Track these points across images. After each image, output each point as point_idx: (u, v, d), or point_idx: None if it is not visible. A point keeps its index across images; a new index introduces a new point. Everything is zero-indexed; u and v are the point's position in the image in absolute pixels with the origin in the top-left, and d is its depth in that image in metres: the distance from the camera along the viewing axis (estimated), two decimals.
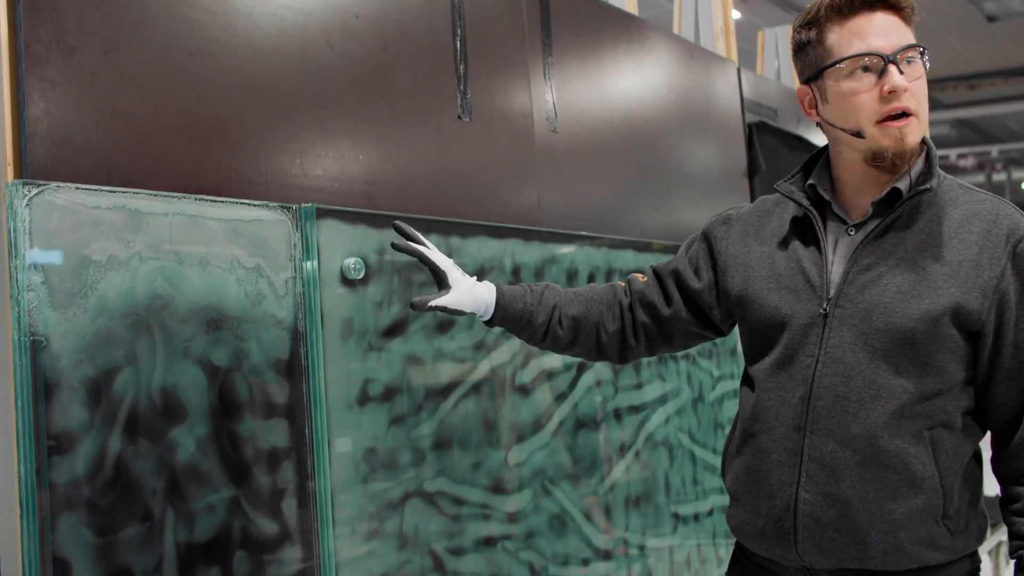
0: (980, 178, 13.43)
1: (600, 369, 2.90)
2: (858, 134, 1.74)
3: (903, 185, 1.76)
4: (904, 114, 1.71)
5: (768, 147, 4.01)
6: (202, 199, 1.89)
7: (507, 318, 1.98)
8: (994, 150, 15.42)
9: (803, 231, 1.85)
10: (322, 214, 2.10)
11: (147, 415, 1.79)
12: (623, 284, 2.09)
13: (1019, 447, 1.75)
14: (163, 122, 1.90)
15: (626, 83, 3.28)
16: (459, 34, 2.57)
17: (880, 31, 1.73)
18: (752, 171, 3.86)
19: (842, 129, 1.77)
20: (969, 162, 14.35)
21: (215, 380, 1.91)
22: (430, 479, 2.33)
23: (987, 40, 12.99)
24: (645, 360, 3.11)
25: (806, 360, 1.78)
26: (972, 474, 1.80)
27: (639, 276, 2.10)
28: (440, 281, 1.93)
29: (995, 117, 16.69)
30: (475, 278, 1.96)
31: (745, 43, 7.94)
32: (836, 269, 1.79)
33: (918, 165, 1.79)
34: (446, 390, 2.39)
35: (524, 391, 2.63)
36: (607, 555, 2.89)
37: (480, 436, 2.48)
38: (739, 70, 3.91)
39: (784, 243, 1.88)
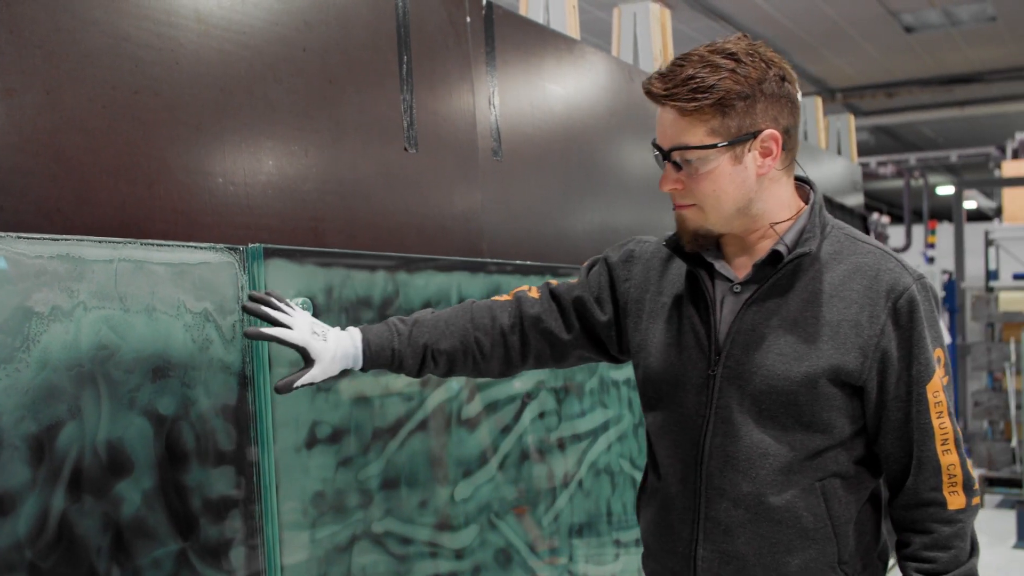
0: (899, 184, 13.71)
1: (544, 399, 2.89)
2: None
3: (782, 247, 1.77)
4: (679, 204, 1.77)
5: None
6: (148, 243, 1.83)
7: (377, 366, 1.93)
8: (912, 158, 15.76)
9: (695, 286, 1.87)
10: (270, 254, 2.05)
11: (92, 470, 1.73)
12: (507, 299, 2.04)
13: (908, 495, 1.79)
14: (107, 164, 1.84)
15: (568, 108, 3.27)
16: (405, 62, 2.53)
17: (662, 127, 1.74)
18: None
19: None
20: (889, 169, 14.64)
21: (161, 430, 1.85)
22: (378, 520, 2.29)
23: (905, 50, 13.26)
24: (588, 388, 3.10)
25: (697, 420, 1.82)
26: (868, 518, 1.85)
27: (529, 292, 2.05)
28: (304, 357, 1.83)
29: (911, 125, 17.05)
30: (336, 331, 1.88)
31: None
32: (723, 328, 1.81)
33: (800, 222, 1.80)
34: (393, 428, 2.36)
35: (470, 425, 2.61)
36: None
37: (427, 473, 2.45)
38: None
39: (678, 298, 1.89)
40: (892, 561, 1.95)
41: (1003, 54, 13.45)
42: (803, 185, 1.87)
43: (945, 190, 20.04)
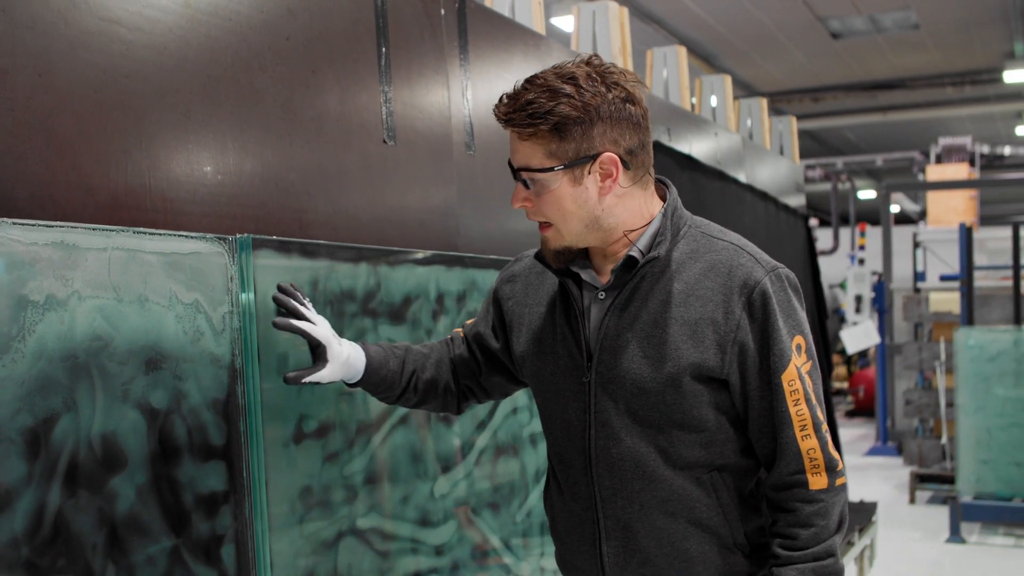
0: (827, 187, 13.97)
1: (517, 395, 2.87)
2: None
3: (636, 252, 1.83)
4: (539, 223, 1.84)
5: (662, 167, 4.05)
6: (140, 232, 1.78)
7: (370, 383, 2.01)
8: (839, 162, 16.07)
9: (565, 296, 1.92)
10: (258, 244, 2.01)
11: (87, 465, 1.68)
12: (449, 343, 2.16)
13: (774, 478, 1.85)
14: (99, 150, 1.79)
15: None
16: (384, 53, 2.50)
17: (512, 148, 1.81)
18: None
19: None
20: (817, 173, 14.90)
21: (154, 424, 1.80)
22: (362, 516, 2.26)
23: (831, 56, 13.52)
24: None
25: (579, 426, 1.89)
26: (760, 501, 1.92)
27: (460, 333, 2.17)
28: (318, 355, 1.90)
29: (836, 129, 17.39)
30: (347, 342, 1.96)
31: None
32: (592, 335, 1.87)
33: (652, 226, 1.86)
34: (377, 423, 2.33)
35: (447, 420, 2.58)
36: None
37: (408, 469, 2.42)
38: None
39: (551, 307, 1.95)
40: None
41: (926, 61, 13.78)
42: (663, 186, 1.94)
43: (867, 194, 20.48)
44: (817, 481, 1.82)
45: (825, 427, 1.86)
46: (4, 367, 1.56)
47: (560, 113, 1.72)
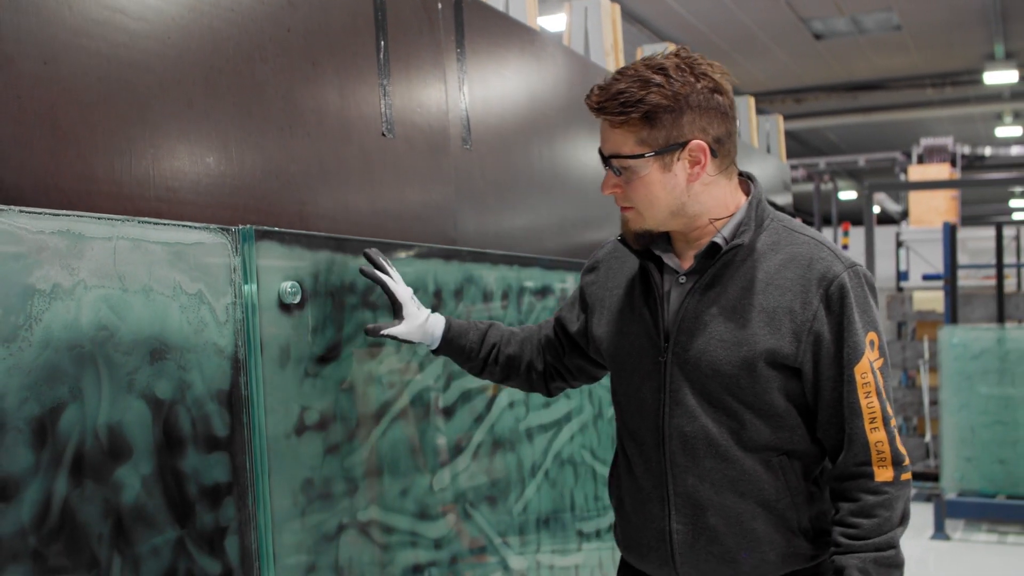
0: (810, 188, 14.03)
1: (512, 390, 2.87)
2: None
3: (720, 239, 1.89)
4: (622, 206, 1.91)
5: None
6: (145, 222, 1.77)
7: (451, 351, 2.16)
8: (822, 162, 16.14)
9: (645, 279, 2.00)
10: (260, 236, 2.00)
11: (93, 454, 1.67)
12: (544, 325, 2.28)
13: (840, 468, 1.90)
14: (103, 139, 1.78)
15: (531, 100, 3.26)
16: (383, 47, 2.50)
17: (602, 136, 1.89)
18: None
19: None
20: (800, 173, 14.96)
21: (159, 414, 1.79)
22: (363, 509, 2.26)
23: (813, 57, 13.57)
24: None
25: (654, 404, 1.94)
26: (824, 488, 1.97)
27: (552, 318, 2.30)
28: (396, 311, 2.08)
29: (818, 130, 17.46)
30: (429, 311, 2.13)
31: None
32: (670, 317, 1.93)
33: (738, 216, 1.91)
34: (377, 416, 2.32)
35: (447, 414, 2.58)
36: None
37: (408, 462, 2.42)
38: None
39: (631, 289, 2.02)
40: None
41: (907, 62, 13.86)
42: (747, 180, 1.99)
43: (848, 195, 20.57)
44: (883, 473, 1.86)
45: (893, 422, 1.90)
46: (11, 356, 1.55)
47: (651, 102, 1.79)
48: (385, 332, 2.05)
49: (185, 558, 1.83)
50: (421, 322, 2.08)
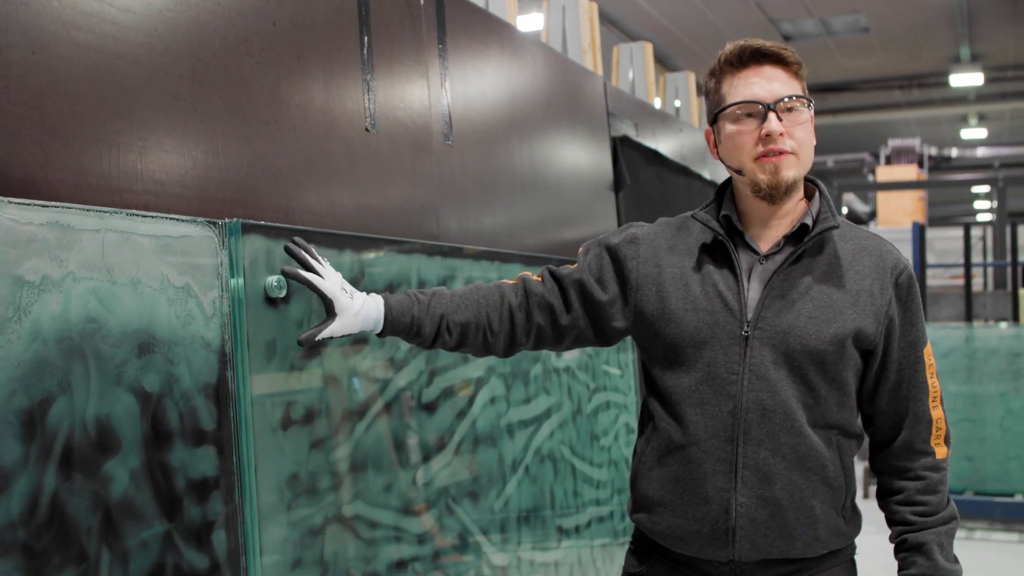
0: None
1: (495, 385, 2.88)
2: (739, 171, 1.97)
3: (809, 221, 1.98)
4: (780, 152, 1.93)
5: (630, 161, 4.08)
6: (133, 214, 1.77)
7: (396, 332, 2.05)
8: None
9: (715, 257, 2.03)
10: (247, 229, 2.00)
11: (82, 448, 1.66)
12: (514, 283, 2.17)
13: (901, 447, 2.01)
14: (91, 131, 1.77)
15: (512, 96, 3.27)
16: (366, 42, 2.50)
17: (765, 82, 1.94)
18: (618, 185, 3.91)
19: (729, 167, 2.00)
20: None
21: (147, 408, 1.78)
22: (348, 503, 2.25)
23: None
24: (533, 374, 3.11)
25: (730, 377, 1.96)
26: (855, 472, 2.05)
27: (533, 276, 2.18)
28: (327, 308, 1.96)
29: None
30: (364, 294, 2.01)
31: None
32: (752, 295, 1.98)
33: (816, 203, 2.02)
34: (361, 410, 2.32)
35: (430, 409, 2.58)
36: (504, 572, 2.87)
37: (391, 457, 2.42)
38: (606, 85, 3.96)
39: (697, 267, 2.04)
40: None
41: (875, 64, 13.99)
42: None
43: None
44: (940, 451, 2.01)
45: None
46: (0, 348, 1.54)
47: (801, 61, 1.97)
48: (321, 336, 1.93)
49: (173, 552, 1.82)
50: (356, 311, 1.96)
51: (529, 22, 8.18)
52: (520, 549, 2.97)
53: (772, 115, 1.91)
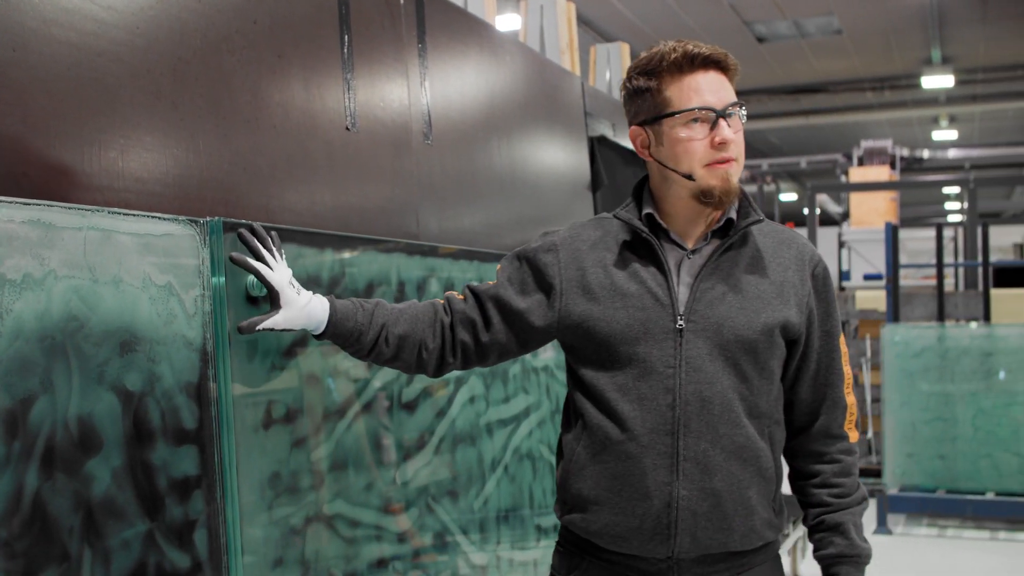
0: (752, 189, 14.20)
1: (474, 384, 2.89)
2: (689, 176, 1.96)
3: (733, 215, 2.01)
4: (729, 159, 1.96)
5: (607, 161, 4.09)
6: (115, 212, 1.76)
7: (337, 335, 2.02)
8: (764, 164, 16.33)
9: (640, 254, 2.04)
10: (228, 228, 1.99)
11: (64, 447, 1.65)
12: (442, 302, 2.16)
13: (818, 432, 2.07)
14: (72, 128, 1.76)
15: (491, 96, 3.27)
16: (347, 41, 2.50)
17: (713, 88, 1.96)
18: (595, 185, 3.93)
19: (674, 170, 1.98)
20: (743, 174, 15.12)
21: (129, 406, 1.78)
22: (328, 502, 2.25)
23: (756, 59, 13.74)
24: (512, 373, 3.11)
25: (667, 371, 1.97)
26: (782, 464, 2.08)
27: (456, 295, 2.17)
28: (273, 299, 1.93)
29: (760, 132, 17.67)
30: (311, 293, 1.99)
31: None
32: (682, 288, 2.00)
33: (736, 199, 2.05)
34: (342, 409, 2.32)
35: (409, 408, 2.59)
36: (483, 571, 2.87)
37: (372, 456, 2.42)
38: (583, 85, 3.97)
39: (622, 265, 2.05)
40: None
41: (847, 66, 14.07)
42: None
43: (788, 196, 20.82)
44: (853, 435, 2.09)
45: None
46: None
47: None
48: (263, 326, 1.89)
49: (155, 551, 1.81)
50: (302, 306, 1.94)
51: (507, 22, 8.19)
52: (499, 548, 2.98)
53: (723, 122, 1.94)
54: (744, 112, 1.99)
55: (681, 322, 1.97)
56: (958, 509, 7.16)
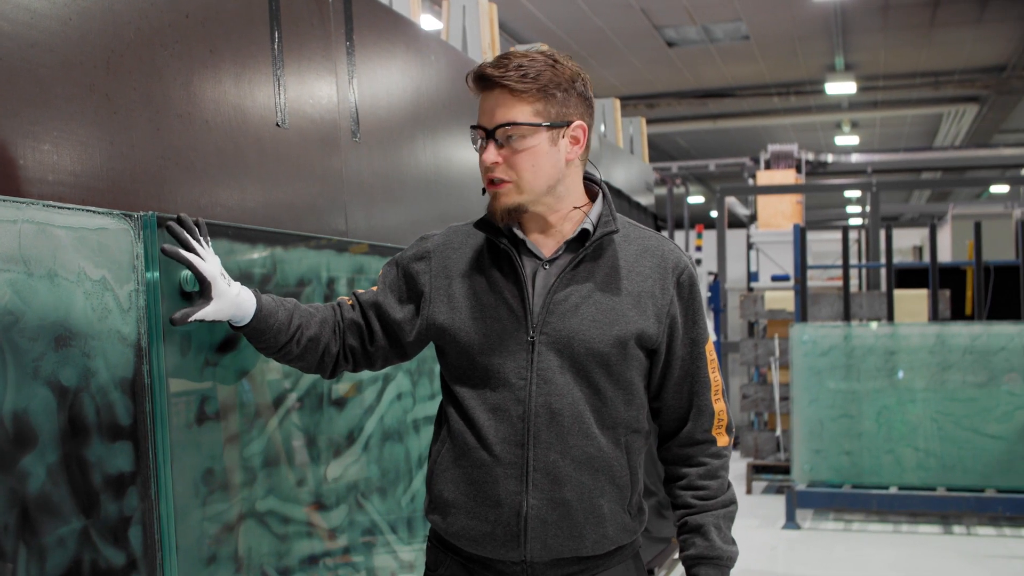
0: (663, 191, 14.39)
1: (401, 381, 2.90)
2: (484, 191, 2.01)
3: (589, 226, 2.02)
4: (494, 182, 1.96)
5: None
6: (50, 206, 1.74)
7: (258, 329, 2.03)
8: (674, 166, 16.55)
9: (500, 265, 2.05)
10: (162, 223, 1.98)
11: None
12: (335, 307, 2.18)
13: (685, 437, 2.11)
14: (6, 120, 1.73)
15: (417, 94, 3.29)
16: (277, 37, 2.49)
17: (490, 108, 1.95)
18: None
19: None
20: (654, 176, 15.30)
21: (64, 402, 1.76)
22: (261, 499, 2.25)
23: (666, 63, 13.95)
24: (436, 371, 3.13)
25: (518, 383, 2.00)
26: (641, 469, 2.12)
27: (347, 300, 2.20)
28: (204, 291, 1.94)
29: (669, 135, 17.93)
30: (240, 284, 2.00)
31: None
32: (536, 300, 2.01)
33: (597, 208, 2.06)
34: (274, 405, 2.32)
35: (339, 404, 2.59)
36: (411, 567, 2.89)
37: (303, 452, 2.42)
38: None
39: (484, 276, 2.07)
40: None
41: (754, 71, 14.36)
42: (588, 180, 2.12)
43: (696, 199, 21.14)
44: (722, 439, 2.12)
45: (727, 394, 2.12)
46: None
47: (547, 77, 1.92)
48: (195, 317, 1.90)
49: (90, 549, 1.79)
50: (232, 297, 1.95)
51: (429, 22, 8.19)
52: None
53: (491, 144, 1.94)
54: (523, 134, 1.92)
55: (533, 335, 1.99)
56: (863, 503, 7.36)
